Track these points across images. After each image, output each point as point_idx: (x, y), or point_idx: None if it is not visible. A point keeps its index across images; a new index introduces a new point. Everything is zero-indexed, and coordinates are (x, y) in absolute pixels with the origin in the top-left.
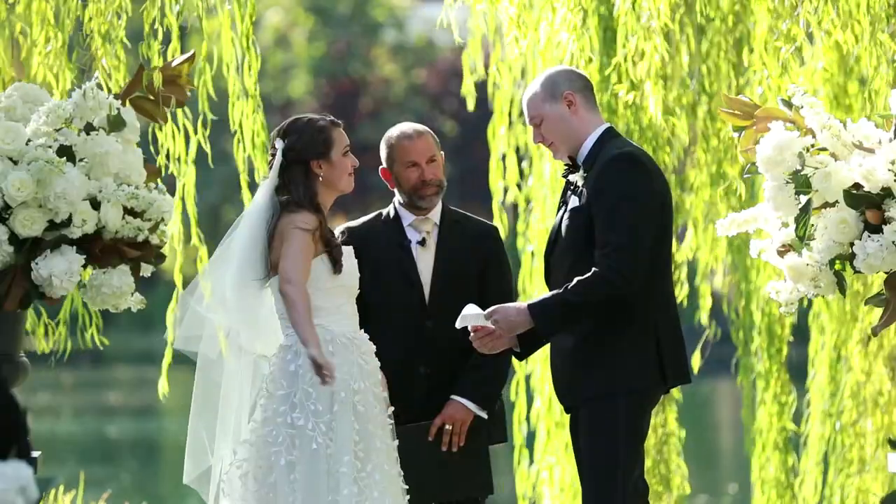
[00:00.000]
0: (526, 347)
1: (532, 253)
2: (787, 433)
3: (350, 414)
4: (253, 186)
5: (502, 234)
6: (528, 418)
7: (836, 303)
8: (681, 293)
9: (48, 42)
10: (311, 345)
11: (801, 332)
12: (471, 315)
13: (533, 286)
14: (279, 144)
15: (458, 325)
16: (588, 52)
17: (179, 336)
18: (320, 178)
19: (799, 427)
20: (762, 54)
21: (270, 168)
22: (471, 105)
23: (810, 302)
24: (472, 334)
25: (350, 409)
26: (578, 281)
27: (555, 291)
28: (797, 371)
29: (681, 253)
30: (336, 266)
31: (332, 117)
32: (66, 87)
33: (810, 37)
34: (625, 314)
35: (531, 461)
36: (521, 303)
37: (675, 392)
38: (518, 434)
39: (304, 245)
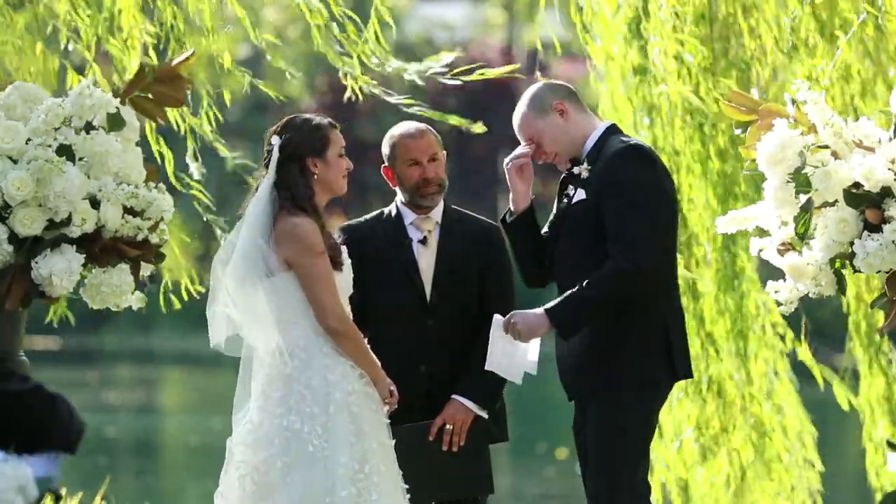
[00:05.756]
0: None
1: None
2: None
3: (346, 415)
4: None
5: None
6: None
7: None
8: None
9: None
10: (381, 378)
11: None
12: (496, 326)
13: None
14: (275, 141)
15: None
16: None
17: (216, 343)
18: (315, 177)
19: None
20: None
21: (266, 166)
22: None
23: None
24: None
25: (346, 410)
26: (594, 277)
27: (570, 291)
28: None
29: None
30: (336, 266)
31: (329, 119)
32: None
33: None
34: (632, 304)
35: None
36: (539, 308)
37: None
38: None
39: (328, 271)
